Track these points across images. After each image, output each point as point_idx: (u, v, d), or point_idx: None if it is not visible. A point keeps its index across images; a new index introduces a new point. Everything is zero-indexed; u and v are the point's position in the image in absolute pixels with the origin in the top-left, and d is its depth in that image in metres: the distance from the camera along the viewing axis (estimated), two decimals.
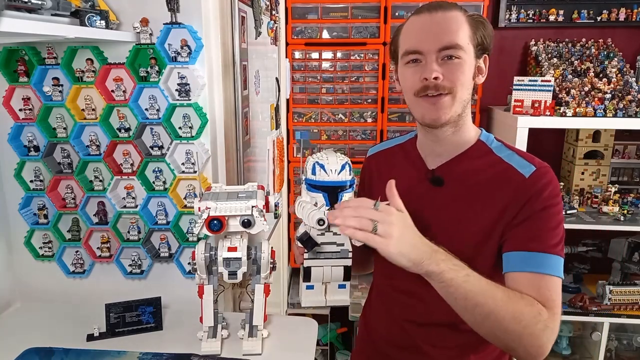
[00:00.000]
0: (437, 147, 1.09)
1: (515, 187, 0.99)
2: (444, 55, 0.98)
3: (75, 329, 1.25)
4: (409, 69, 1.02)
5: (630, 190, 2.40)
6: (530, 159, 1.02)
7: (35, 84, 1.30)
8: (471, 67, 1.00)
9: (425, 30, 0.99)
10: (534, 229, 0.97)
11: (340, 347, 2.81)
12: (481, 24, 1.02)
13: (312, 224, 0.96)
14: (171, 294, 1.39)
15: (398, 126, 2.48)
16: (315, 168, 0.97)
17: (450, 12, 0.99)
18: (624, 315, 2.27)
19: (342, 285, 1.04)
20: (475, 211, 1.02)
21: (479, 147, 1.07)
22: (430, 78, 0.97)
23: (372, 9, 2.38)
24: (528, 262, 0.96)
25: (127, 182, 1.38)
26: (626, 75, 2.18)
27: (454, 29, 0.97)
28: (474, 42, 1.00)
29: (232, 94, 1.45)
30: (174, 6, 1.24)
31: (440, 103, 0.99)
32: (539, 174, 0.99)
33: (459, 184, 1.05)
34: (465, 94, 1.01)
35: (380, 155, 1.25)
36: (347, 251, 1.02)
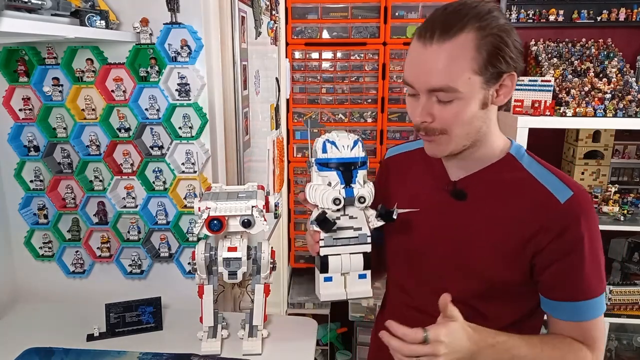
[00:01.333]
0: (460, 161, 0.98)
1: (549, 213, 0.90)
2: (436, 95, 0.87)
3: (75, 329, 1.25)
4: (409, 99, 0.94)
5: (630, 190, 2.40)
6: (566, 180, 0.93)
7: (35, 84, 1.30)
8: (476, 100, 0.87)
9: (417, 64, 0.89)
10: (576, 271, 0.90)
11: (340, 347, 2.81)
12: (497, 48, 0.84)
13: (327, 204, 0.90)
14: (171, 294, 1.39)
15: (398, 126, 2.48)
16: (326, 146, 0.92)
17: (451, 41, 0.83)
18: (624, 315, 2.26)
19: (362, 275, 0.97)
20: (502, 228, 0.93)
21: (507, 161, 0.97)
22: (417, 122, 0.91)
23: (372, 9, 2.38)
24: (574, 313, 0.92)
25: (127, 182, 1.38)
26: (626, 75, 2.18)
27: (447, 67, 0.84)
28: (482, 71, 0.85)
29: (232, 94, 1.45)
30: (174, 6, 1.24)
31: (435, 143, 0.93)
32: (576, 200, 0.90)
33: (483, 200, 0.96)
34: (467, 129, 0.90)
35: (399, 158, 1.15)
36: (366, 236, 0.95)
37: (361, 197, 0.92)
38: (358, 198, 0.91)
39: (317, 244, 0.95)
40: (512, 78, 0.90)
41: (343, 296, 0.97)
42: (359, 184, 0.93)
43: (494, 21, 0.85)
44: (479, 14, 0.84)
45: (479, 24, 0.84)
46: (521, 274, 0.94)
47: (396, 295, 1.13)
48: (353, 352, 2.75)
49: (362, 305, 2.61)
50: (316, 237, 0.94)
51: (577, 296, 0.92)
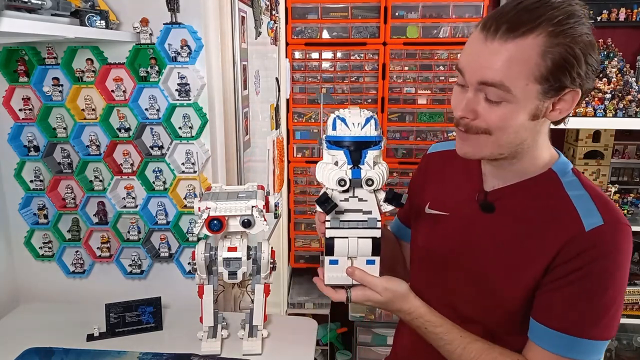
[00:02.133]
0: (497, 170, 0.93)
1: (569, 237, 0.82)
2: (485, 92, 0.80)
3: (75, 329, 1.24)
4: (456, 88, 0.87)
5: (630, 190, 2.40)
6: (604, 208, 0.83)
7: (35, 84, 1.30)
8: (527, 110, 0.80)
9: (474, 54, 0.81)
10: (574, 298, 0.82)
11: (340, 347, 2.81)
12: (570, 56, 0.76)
13: (332, 185, 0.86)
14: (171, 294, 1.39)
15: (398, 126, 2.48)
16: (335, 122, 0.86)
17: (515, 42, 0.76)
18: (624, 315, 2.26)
19: (370, 260, 0.91)
20: (521, 249, 0.88)
21: (547, 177, 0.89)
22: (457, 115, 0.85)
23: (372, 9, 2.38)
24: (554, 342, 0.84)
25: (127, 182, 1.38)
26: (626, 75, 2.18)
27: (506, 66, 0.77)
28: (541, 81, 0.77)
29: (232, 94, 1.45)
30: (174, 6, 1.24)
31: (470, 140, 0.86)
32: (603, 230, 0.81)
33: (511, 215, 0.90)
34: (511, 138, 0.83)
35: (441, 155, 1.09)
36: (376, 220, 0.89)
37: (369, 180, 0.85)
38: (366, 180, 0.85)
39: (323, 225, 0.90)
40: (574, 95, 0.81)
41: (348, 281, 0.92)
42: (368, 165, 0.87)
43: (571, 29, 0.76)
44: (557, 17, 0.75)
45: (552, 28, 0.75)
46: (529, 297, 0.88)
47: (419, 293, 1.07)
48: (353, 352, 2.75)
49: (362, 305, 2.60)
50: (322, 217, 0.89)
51: (566, 327, 0.83)
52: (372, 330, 2.65)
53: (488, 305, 0.93)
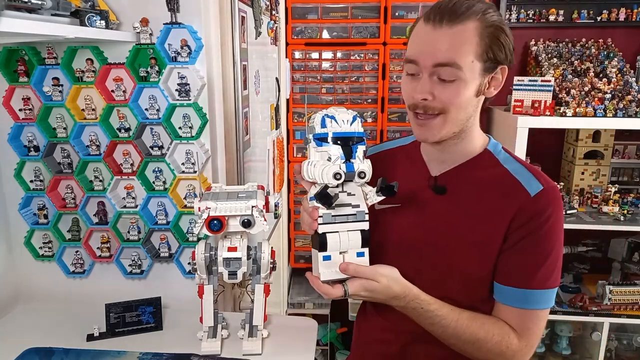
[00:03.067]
0: (441, 155, 1.03)
1: (519, 205, 0.94)
2: (439, 73, 0.91)
3: (75, 329, 1.25)
4: (406, 79, 0.98)
5: (630, 190, 2.40)
6: (538, 175, 0.98)
7: (35, 84, 1.30)
8: (473, 85, 0.93)
9: (425, 42, 0.93)
10: (528, 258, 0.94)
11: (340, 347, 2.82)
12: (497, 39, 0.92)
13: (328, 180, 0.88)
14: (171, 294, 1.39)
15: (398, 126, 2.48)
16: (325, 120, 0.91)
17: (458, 26, 0.90)
18: (624, 315, 2.27)
19: (360, 253, 0.95)
20: (479, 223, 0.97)
21: (485, 157, 1.02)
22: (417, 99, 0.93)
23: (372, 9, 2.38)
24: (518, 298, 0.96)
25: (127, 182, 1.38)
26: (626, 75, 2.18)
27: (455, 46, 0.90)
28: (483, 58, 0.92)
29: (232, 94, 1.45)
30: (174, 6, 1.24)
31: (429, 124, 0.95)
32: (545, 194, 0.94)
33: (462, 194, 1.00)
34: (462, 114, 0.95)
35: (380, 156, 1.17)
36: (364, 213, 0.94)
37: (361, 172, 0.91)
38: (358, 173, 0.90)
39: (315, 222, 0.92)
40: (503, 72, 0.96)
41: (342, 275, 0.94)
42: (358, 159, 0.92)
43: (492, 17, 0.93)
44: (480, 9, 0.92)
45: (481, 15, 0.91)
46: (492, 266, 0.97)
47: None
48: None
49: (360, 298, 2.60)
50: (314, 214, 0.92)
51: (525, 283, 0.95)
52: None
53: (457, 282, 0.99)
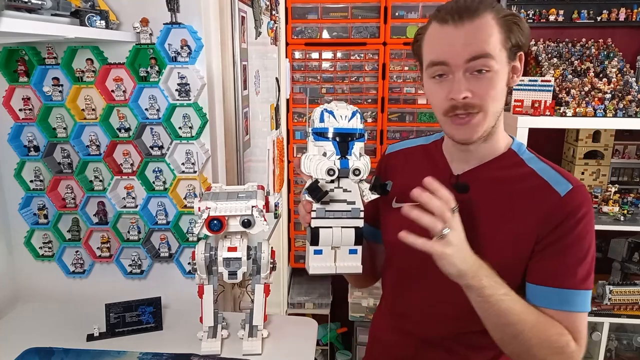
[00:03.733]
0: (466, 154, 1.01)
1: (550, 205, 0.92)
2: (473, 67, 0.89)
3: (75, 329, 1.24)
4: (435, 84, 0.94)
5: (630, 190, 2.40)
6: (566, 175, 0.96)
7: (35, 84, 1.30)
8: (504, 75, 0.92)
9: (452, 41, 0.90)
10: (564, 258, 0.92)
11: (340, 347, 2.81)
12: (515, 24, 0.92)
13: (321, 175, 0.88)
14: (171, 294, 1.39)
15: (398, 126, 2.48)
16: (323, 115, 0.90)
17: (479, 19, 0.88)
18: (624, 315, 2.27)
19: (353, 250, 0.95)
20: (504, 223, 0.95)
21: (509, 156, 1.00)
22: (458, 98, 0.89)
23: (372, 9, 2.38)
24: (563, 300, 0.92)
25: (127, 182, 1.38)
26: (626, 75, 2.18)
27: (483, 38, 0.88)
28: (507, 46, 0.91)
29: (232, 94, 1.45)
30: (174, 6, 1.24)
31: (471, 123, 0.92)
32: (575, 193, 0.92)
33: (486, 193, 0.98)
34: (498, 107, 0.93)
35: (399, 154, 1.16)
36: (359, 210, 0.93)
37: (356, 169, 0.89)
38: (353, 170, 0.89)
39: (309, 215, 0.92)
40: (521, 58, 0.95)
41: (332, 270, 0.95)
42: (354, 155, 0.91)
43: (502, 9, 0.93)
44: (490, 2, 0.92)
45: (492, 8, 0.91)
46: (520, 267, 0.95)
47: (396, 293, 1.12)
48: (353, 352, 2.75)
49: (362, 305, 2.61)
50: (308, 207, 0.92)
51: (566, 283, 0.92)
52: None
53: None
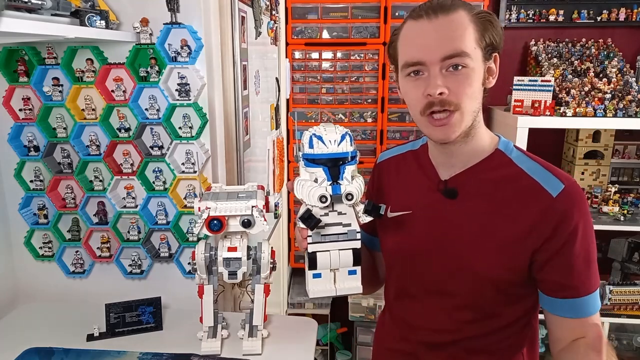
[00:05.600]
0: (450, 158, 0.99)
1: (542, 207, 0.90)
2: (448, 65, 0.87)
3: (75, 329, 1.25)
4: (410, 82, 0.92)
5: (630, 190, 2.40)
6: (557, 173, 0.93)
7: (35, 84, 1.30)
8: (480, 73, 0.91)
9: (425, 38, 0.89)
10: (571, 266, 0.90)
11: (340, 347, 2.81)
12: (489, 22, 0.91)
13: (313, 202, 0.88)
14: (171, 294, 1.39)
15: (398, 126, 2.48)
16: (312, 141, 0.89)
17: (453, 14, 0.88)
18: (624, 315, 2.27)
19: (352, 271, 0.94)
20: (495, 227, 0.93)
21: (497, 156, 0.97)
22: (434, 94, 0.88)
23: (372, 9, 2.38)
24: (575, 309, 0.92)
25: (127, 182, 1.38)
26: (626, 75, 2.18)
27: (458, 34, 0.87)
28: (481, 44, 0.90)
29: (232, 94, 1.45)
30: (174, 6, 1.24)
31: (449, 124, 0.90)
32: (568, 192, 0.90)
33: (475, 197, 0.96)
34: (475, 105, 0.91)
35: (391, 162, 1.15)
36: (355, 232, 0.92)
37: (348, 194, 0.89)
38: (345, 195, 0.88)
39: (305, 240, 0.92)
40: (496, 60, 0.95)
41: (332, 292, 0.94)
42: (346, 180, 0.90)
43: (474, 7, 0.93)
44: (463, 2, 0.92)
45: (466, 5, 0.91)
46: (517, 271, 0.93)
47: (396, 300, 1.11)
48: (353, 352, 2.75)
49: (362, 305, 2.61)
50: (304, 233, 0.92)
51: (576, 292, 0.91)
52: (372, 330, 2.65)
53: (476, 287, 0.95)
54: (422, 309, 1.03)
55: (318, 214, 0.90)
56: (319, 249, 0.92)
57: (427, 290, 1.01)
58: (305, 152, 0.90)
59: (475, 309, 0.97)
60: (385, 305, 1.19)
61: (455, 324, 0.99)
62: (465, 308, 0.97)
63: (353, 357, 2.75)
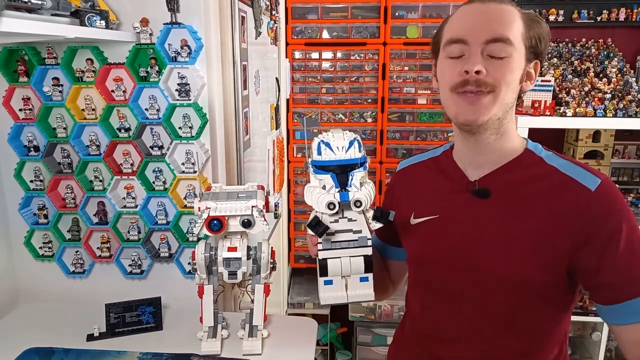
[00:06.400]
0: (479, 156, 0.95)
1: (582, 202, 0.86)
2: (491, 50, 0.86)
3: (75, 329, 1.25)
4: (449, 61, 0.90)
5: (630, 190, 2.40)
6: (590, 169, 0.90)
7: (35, 84, 1.30)
8: (520, 68, 0.89)
9: (474, 18, 0.88)
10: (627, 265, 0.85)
11: (340, 347, 2.82)
12: (537, 23, 0.90)
13: (322, 209, 0.88)
14: (171, 294, 1.39)
15: (398, 126, 2.48)
16: (320, 147, 0.89)
17: (505, 5, 0.88)
18: None
19: (364, 277, 0.93)
20: (532, 226, 0.89)
21: (527, 156, 0.94)
22: (471, 71, 0.85)
23: (372, 9, 2.38)
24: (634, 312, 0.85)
25: (127, 182, 1.38)
26: (626, 75, 2.18)
27: (506, 21, 0.87)
28: (526, 43, 0.89)
29: (232, 94, 1.45)
30: (174, 6, 1.24)
31: (480, 103, 0.87)
32: (606, 187, 0.86)
33: (509, 196, 0.92)
34: (510, 96, 0.88)
35: (410, 170, 1.12)
36: (366, 239, 0.92)
37: (357, 201, 0.88)
38: (354, 202, 0.88)
39: (316, 247, 0.92)
40: (537, 67, 0.93)
41: (344, 299, 0.93)
42: (355, 187, 0.90)
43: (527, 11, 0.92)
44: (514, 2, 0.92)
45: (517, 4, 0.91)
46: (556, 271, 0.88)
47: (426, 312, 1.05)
48: (353, 352, 2.75)
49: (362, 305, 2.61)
50: (314, 239, 0.92)
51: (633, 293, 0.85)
52: (372, 330, 2.65)
53: (510, 289, 0.91)
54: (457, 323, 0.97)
55: (327, 221, 0.90)
56: (330, 256, 0.92)
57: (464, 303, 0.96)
58: (313, 158, 0.90)
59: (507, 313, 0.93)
60: (408, 319, 1.13)
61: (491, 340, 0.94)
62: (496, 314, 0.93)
63: (353, 357, 2.75)
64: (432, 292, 1.02)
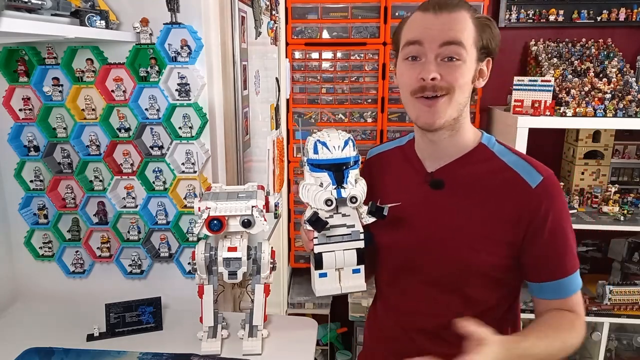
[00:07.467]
0: (435, 151, 1.05)
1: (523, 198, 0.97)
2: (444, 54, 0.94)
3: (75, 329, 1.25)
4: (407, 65, 0.99)
5: (630, 190, 2.40)
6: (536, 165, 1.00)
7: (35, 84, 1.30)
8: (471, 70, 0.97)
9: (429, 25, 0.96)
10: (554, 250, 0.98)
11: (340, 347, 2.81)
12: (487, 26, 0.99)
13: (319, 205, 0.93)
14: (171, 294, 1.39)
15: (398, 126, 2.48)
16: (317, 146, 0.94)
17: (456, 13, 0.95)
18: (624, 315, 2.27)
19: (356, 269, 1.00)
20: (481, 217, 0.99)
21: (480, 150, 1.04)
22: (427, 78, 0.94)
23: (372, 9, 2.38)
24: (558, 290, 1.00)
25: (127, 182, 1.38)
26: (626, 75, 2.18)
27: (458, 28, 0.95)
28: (477, 45, 0.97)
29: (232, 94, 1.45)
30: (174, 6, 1.24)
31: (437, 106, 0.96)
32: (546, 184, 0.97)
33: (461, 188, 1.02)
34: (463, 97, 0.98)
35: (380, 158, 1.21)
36: (359, 232, 0.98)
37: (353, 197, 0.94)
38: (350, 198, 0.94)
39: (312, 242, 0.98)
40: (488, 64, 1.02)
41: (338, 290, 1.00)
42: (350, 184, 0.96)
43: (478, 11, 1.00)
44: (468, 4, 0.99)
45: (470, 7, 0.98)
46: (503, 257, 0.99)
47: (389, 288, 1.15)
48: (353, 352, 2.75)
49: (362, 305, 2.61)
50: (310, 235, 0.98)
51: (558, 274, 0.99)
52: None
53: (465, 274, 1.00)
54: (415, 297, 1.08)
55: (323, 217, 0.95)
56: (325, 250, 0.97)
57: (420, 279, 1.05)
58: (310, 157, 0.95)
59: (463, 295, 1.02)
60: (377, 295, 1.23)
61: (445, 310, 1.03)
62: (454, 294, 1.02)
63: (353, 357, 2.75)
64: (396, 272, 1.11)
